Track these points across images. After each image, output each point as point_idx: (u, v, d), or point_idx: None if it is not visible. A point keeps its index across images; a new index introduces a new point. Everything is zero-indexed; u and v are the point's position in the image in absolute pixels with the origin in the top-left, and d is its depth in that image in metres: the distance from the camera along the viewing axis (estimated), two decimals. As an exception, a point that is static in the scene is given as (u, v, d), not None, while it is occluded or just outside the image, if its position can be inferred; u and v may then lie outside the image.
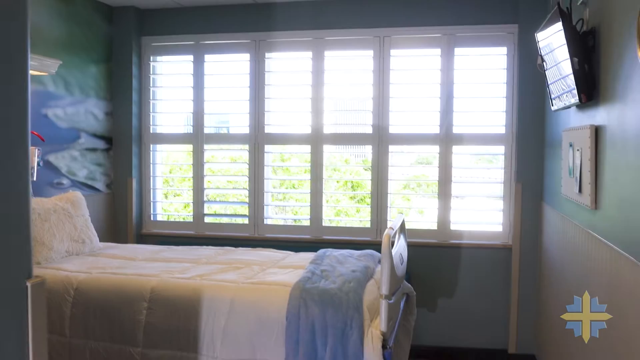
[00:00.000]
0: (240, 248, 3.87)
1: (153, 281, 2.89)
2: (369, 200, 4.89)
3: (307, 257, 3.54)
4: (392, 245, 2.82)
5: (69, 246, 3.51)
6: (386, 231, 2.78)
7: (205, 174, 5.15)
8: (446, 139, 4.62)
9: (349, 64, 4.91)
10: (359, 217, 5.06)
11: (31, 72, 3.98)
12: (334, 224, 4.98)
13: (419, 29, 4.65)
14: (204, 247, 3.88)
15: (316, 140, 4.85)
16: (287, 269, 3.24)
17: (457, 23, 4.58)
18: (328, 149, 4.92)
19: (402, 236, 3.42)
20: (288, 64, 5.07)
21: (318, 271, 3.08)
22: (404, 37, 4.68)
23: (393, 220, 3.35)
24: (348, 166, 5.51)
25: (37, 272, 2.98)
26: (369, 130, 4.78)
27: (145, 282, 2.88)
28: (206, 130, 5.13)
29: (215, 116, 5.27)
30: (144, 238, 5.25)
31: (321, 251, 3.66)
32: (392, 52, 4.69)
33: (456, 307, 4.67)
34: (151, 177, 5.29)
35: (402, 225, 3.46)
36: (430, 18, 4.62)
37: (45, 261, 3.25)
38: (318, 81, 4.81)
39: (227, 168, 5.48)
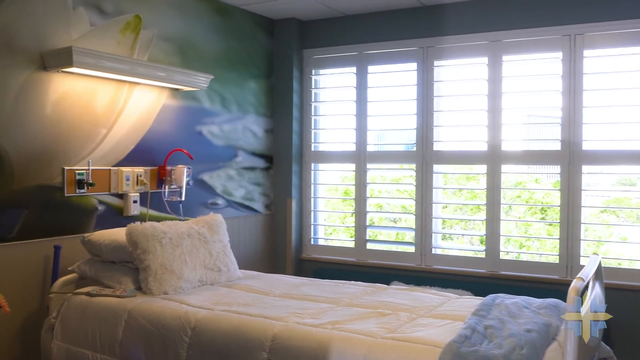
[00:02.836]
0: (393, 287, 3.51)
1: (277, 326, 2.64)
2: (556, 230, 4.30)
3: (470, 304, 3.03)
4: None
5: (203, 275, 3.42)
6: (573, 283, 2.26)
7: (368, 195, 4.92)
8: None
9: (531, 69, 4.39)
10: (545, 250, 4.49)
11: (182, 87, 4.06)
12: (513, 258, 4.46)
13: (620, 23, 4.00)
14: (351, 283, 3.58)
15: (493, 158, 4.39)
16: (443, 320, 2.77)
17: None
18: (507, 169, 4.43)
19: (597, 284, 2.82)
20: (460, 72, 4.67)
21: (481, 327, 2.55)
22: (601, 34, 4.07)
23: (586, 266, 2.75)
24: (531, 189, 4.93)
25: (158, 304, 2.94)
26: (556, 146, 4.22)
27: (269, 327, 2.64)
28: (369, 148, 4.91)
29: (379, 132, 5.02)
30: (303, 263, 5.15)
31: (489, 298, 3.07)
32: (586, 52, 4.10)
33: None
34: (312, 198, 5.19)
35: (598, 270, 2.87)
36: (636, 9, 3.96)
37: (174, 291, 3.18)
38: (495, 90, 4.37)
39: (391, 189, 5.20)
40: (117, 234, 3.32)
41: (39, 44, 3.29)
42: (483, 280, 4.39)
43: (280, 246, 5.16)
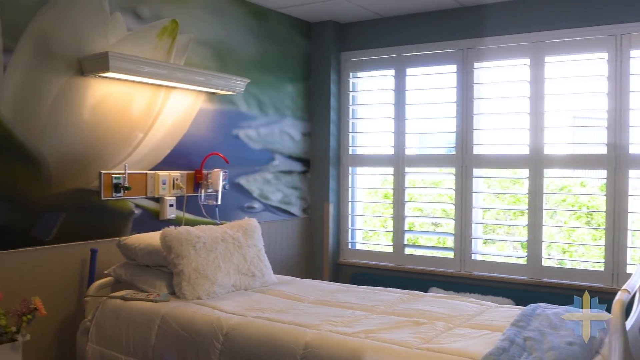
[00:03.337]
0: (430, 294, 3.42)
1: (309, 335, 2.58)
2: (602, 236, 4.16)
3: (509, 314, 2.92)
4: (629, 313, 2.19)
5: (237, 280, 3.40)
6: (619, 295, 2.15)
7: (406, 199, 4.85)
8: None
9: (575, 70, 4.25)
10: (590, 257, 4.35)
11: (219, 91, 4.07)
12: (556, 264, 4.33)
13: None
14: (387, 290, 3.50)
15: (535, 162, 4.28)
16: (480, 331, 2.66)
17: None
18: (550, 173, 4.30)
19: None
20: (501, 74, 4.56)
21: (520, 339, 2.44)
22: (650, 33, 3.92)
23: (632, 276, 2.62)
24: (576, 193, 4.77)
25: (191, 309, 2.94)
26: (602, 150, 4.08)
27: (301, 335, 2.59)
28: (408, 152, 4.83)
29: (418, 135, 4.94)
30: (340, 268, 5.11)
31: (529, 308, 2.94)
32: (633, 53, 3.96)
33: None
34: (349, 202, 5.15)
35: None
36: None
37: (207, 296, 3.17)
38: (537, 92, 4.25)
39: (430, 194, 5.12)
40: (152, 238, 3.34)
41: (77, 50, 3.33)
42: (524, 287, 4.28)
43: (318, 250, 5.13)
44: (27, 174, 3.13)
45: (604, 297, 3.47)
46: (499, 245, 4.79)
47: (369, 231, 5.35)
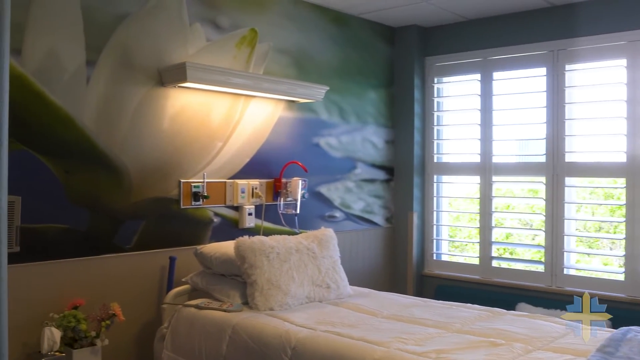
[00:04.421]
0: (511, 313, 3.20)
1: (377, 352, 2.46)
2: None
3: (597, 337, 2.66)
4: None
5: (310, 291, 3.33)
6: None
7: (493, 209, 4.65)
8: None
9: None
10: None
11: (299, 99, 4.05)
12: (659, 281, 4.01)
13: None
14: (466, 306, 3.31)
15: (634, 171, 3.99)
16: (562, 355, 2.45)
17: None
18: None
19: None
20: (595, 76, 4.28)
21: None
22: None
23: None
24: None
25: (261, 320, 2.91)
26: None
27: (369, 353, 2.47)
28: (495, 159, 4.63)
29: (505, 143, 4.73)
30: (424, 279, 4.98)
31: (620, 332, 2.70)
32: None
33: None
34: (434, 212, 5.00)
35: None
36: None
37: (280, 308, 3.12)
38: (635, 95, 3.97)
39: (519, 204, 4.89)
40: (228, 247, 3.35)
41: (157, 61, 3.41)
42: (621, 305, 3.98)
43: (401, 261, 5.01)
44: (109, 182, 3.23)
45: None
46: (593, 260, 4.49)
47: (454, 242, 5.17)
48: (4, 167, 1.06)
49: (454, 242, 5.16)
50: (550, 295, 4.30)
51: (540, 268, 4.44)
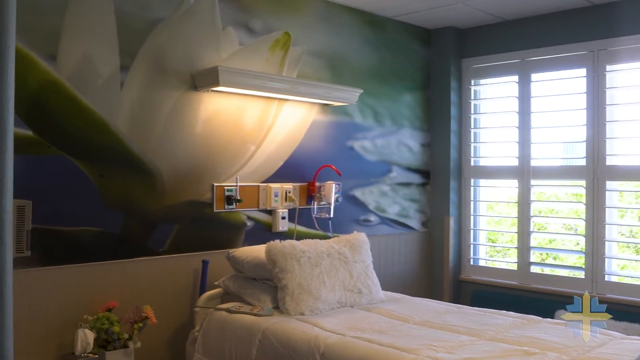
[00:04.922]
0: (547, 320, 3.11)
1: (407, 359, 2.46)
2: None
3: (635, 347, 2.58)
4: None
5: (342, 296, 3.29)
6: None
7: (532, 214, 4.55)
8: None
9: None
10: None
11: (333, 102, 4.04)
12: None
13: None
14: (501, 313, 3.23)
15: (679, 174, 3.86)
16: None
17: None
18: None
19: None
20: (637, 77, 4.15)
21: None
22: None
23: None
24: None
25: (291, 325, 2.89)
26: None
27: None
28: (534, 163, 4.54)
29: (544, 146, 4.62)
30: (461, 285, 4.90)
31: None
32: None
33: None
34: (471, 216, 4.92)
35: None
36: None
37: (310, 312, 3.10)
38: (681, 97, 3.84)
39: (559, 209, 4.77)
40: (259, 251, 3.35)
41: (190, 65, 3.43)
42: (666, 315, 3.86)
43: (438, 266, 4.95)
44: (142, 186, 3.26)
45: None
46: (637, 266, 4.36)
47: (492, 247, 5.08)
48: (9, 171, 1.07)
49: (492, 247, 5.06)
50: (590, 302, 4.18)
51: (580, 274, 4.33)
